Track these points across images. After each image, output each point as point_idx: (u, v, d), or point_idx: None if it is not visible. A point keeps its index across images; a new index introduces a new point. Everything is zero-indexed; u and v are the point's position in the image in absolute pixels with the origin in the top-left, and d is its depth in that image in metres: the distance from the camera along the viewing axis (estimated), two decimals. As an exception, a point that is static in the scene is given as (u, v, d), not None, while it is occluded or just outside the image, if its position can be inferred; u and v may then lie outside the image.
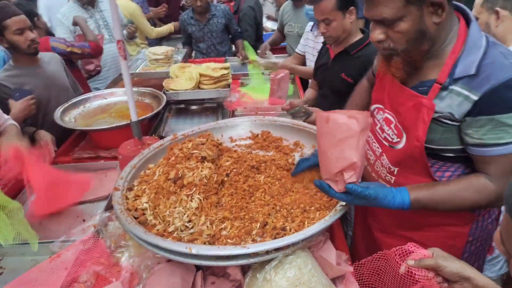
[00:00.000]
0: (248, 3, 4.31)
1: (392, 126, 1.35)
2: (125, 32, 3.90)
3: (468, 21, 1.20)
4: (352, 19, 2.06)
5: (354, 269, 1.16)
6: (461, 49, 1.16)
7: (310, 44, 3.02)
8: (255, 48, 3.64)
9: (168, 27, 4.60)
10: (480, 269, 1.55)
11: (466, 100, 1.13)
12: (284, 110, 2.11)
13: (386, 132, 1.39)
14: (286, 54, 3.87)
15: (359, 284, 1.17)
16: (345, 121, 1.07)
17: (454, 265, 0.95)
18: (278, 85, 2.62)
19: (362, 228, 1.76)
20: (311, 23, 3.07)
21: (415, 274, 0.97)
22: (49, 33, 3.16)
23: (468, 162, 1.27)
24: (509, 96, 1.08)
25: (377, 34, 1.18)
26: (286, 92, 2.69)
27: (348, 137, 1.07)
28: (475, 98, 1.11)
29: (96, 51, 3.04)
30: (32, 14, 2.82)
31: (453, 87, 1.16)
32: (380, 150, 1.43)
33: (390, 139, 1.37)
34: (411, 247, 1.02)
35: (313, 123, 1.86)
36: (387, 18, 1.12)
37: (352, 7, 2.03)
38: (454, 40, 1.18)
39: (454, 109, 1.16)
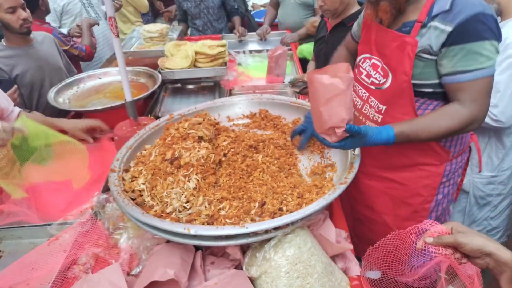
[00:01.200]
0: None
1: (378, 69, 1.49)
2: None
3: None
4: None
5: (371, 252, 1.14)
6: None
7: None
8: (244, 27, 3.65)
9: None
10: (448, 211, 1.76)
11: (442, 32, 1.28)
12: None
13: (373, 76, 1.51)
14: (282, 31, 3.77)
15: (376, 266, 1.16)
16: (330, 81, 1.14)
17: (475, 241, 0.91)
18: (276, 63, 2.57)
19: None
20: None
21: (431, 251, 0.95)
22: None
23: (445, 100, 1.40)
24: (478, 27, 1.23)
25: None
26: (284, 69, 2.64)
27: (335, 96, 1.14)
28: (449, 29, 1.26)
29: (89, 56, 3.03)
30: None
31: (432, 23, 1.30)
32: (367, 94, 1.56)
33: (377, 82, 1.49)
34: (427, 224, 1.00)
35: None
36: None
37: None
38: None
39: (433, 42, 1.30)
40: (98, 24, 3.24)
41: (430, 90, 1.39)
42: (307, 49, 3.05)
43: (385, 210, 1.71)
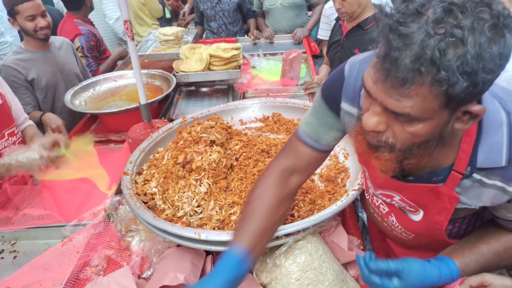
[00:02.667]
0: None
1: (402, 202, 1.07)
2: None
3: None
4: None
5: None
6: (476, 129, 0.87)
7: None
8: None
9: None
10: None
11: (502, 192, 0.89)
12: None
13: (395, 200, 1.09)
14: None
15: None
16: None
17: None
18: (290, 66, 2.56)
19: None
20: (332, 5, 3.02)
21: None
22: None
23: (478, 214, 1.13)
24: None
25: (377, 123, 0.80)
26: (298, 73, 2.62)
27: None
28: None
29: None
30: None
31: (479, 176, 0.90)
32: (387, 210, 1.15)
33: (404, 205, 1.08)
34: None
35: None
36: (409, 116, 0.74)
37: None
38: None
39: (487, 202, 0.93)
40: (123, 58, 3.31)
41: (467, 214, 1.10)
42: None
43: None
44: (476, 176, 0.89)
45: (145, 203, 1.23)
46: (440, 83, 0.67)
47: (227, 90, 2.63)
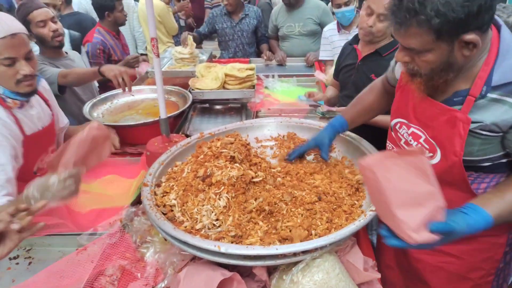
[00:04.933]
0: None
1: (421, 140, 1.29)
2: None
3: (497, 26, 1.14)
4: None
5: None
6: (495, 57, 1.10)
7: (340, 44, 2.99)
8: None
9: None
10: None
11: (510, 107, 1.08)
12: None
13: (420, 141, 1.30)
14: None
15: None
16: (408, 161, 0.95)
17: None
18: None
19: None
20: (333, 28, 3.14)
21: None
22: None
23: (502, 169, 1.23)
24: None
25: (402, 56, 1.16)
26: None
27: (417, 178, 0.95)
28: None
29: None
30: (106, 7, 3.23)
31: (492, 95, 1.10)
32: None
33: (424, 150, 1.28)
34: None
35: None
36: (414, 48, 1.09)
37: None
38: (487, 52, 1.12)
39: (499, 119, 1.09)
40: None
41: (488, 164, 1.20)
42: None
43: (442, 286, 1.46)
44: (490, 95, 1.10)
45: (164, 214, 1.25)
46: (423, 23, 1.02)
47: (241, 109, 2.68)
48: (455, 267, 1.41)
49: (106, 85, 3.05)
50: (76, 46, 3.11)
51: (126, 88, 2.14)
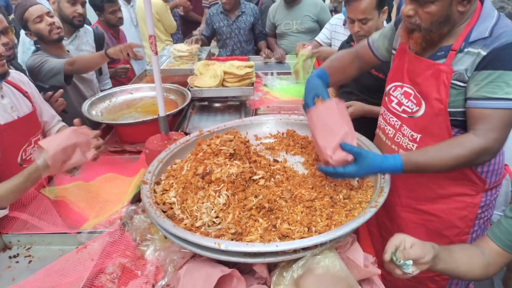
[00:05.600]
0: None
1: (411, 97, 1.47)
2: None
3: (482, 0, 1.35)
4: (383, 19, 2.07)
5: None
6: (476, 21, 1.31)
7: (339, 38, 3.04)
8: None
9: None
10: None
11: (477, 56, 1.27)
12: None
13: (405, 104, 1.50)
14: None
15: None
16: (323, 105, 1.33)
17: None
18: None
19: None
20: (340, 17, 3.12)
21: None
22: None
23: None
24: None
25: (408, 9, 1.32)
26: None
27: (331, 115, 1.30)
28: (484, 53, 1.25)
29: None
30: None
31: (468, 49, 1.30)
32: (400, 123, 1.54)
33: (410, 110, 1.49)
34: None
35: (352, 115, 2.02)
36: None
37: (386, 7, 2.05)
38: (470, 17, 1.33)
39: (468, 67, 1.29)
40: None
41: (463, 118, 1.36)
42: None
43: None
44: (466, 49, 1.30)
45: (164, 212, 1.25)
46: None
47: (239, 107, 2.67)
48: (434, 224, 1.60)
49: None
50: (100, 44, 3.11)
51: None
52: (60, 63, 2.32)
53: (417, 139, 1.48)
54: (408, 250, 1.06)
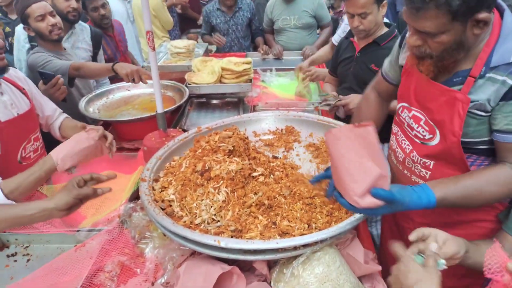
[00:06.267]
0: None
1: (421, 123, 1.34)
2: None
3: (501, 11, 1.19)
4: (383, 13, 2.07)
5: None
6: (496, 39, 1.16)
7: None
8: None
9: None
10: None
11: (502, 85, 1.13)
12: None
13: (415, 129, 1.37)
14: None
15: None
16: (355, 132, 1.05)
17: None
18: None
19: (390, 228, 1.74)
20: None
21: None
22: None
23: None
24: None
25: (415, 40, 1.19)
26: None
27: (364, 148, 1.04)
28: (511, 82, 1.12)
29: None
30: None
31: (490, 75, 1.16)
32: (411, 148, 1.41)
33: (421, 136, 1.35)
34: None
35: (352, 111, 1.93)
36: (430, 32, 1.13)
37: (385, 1, 2.04)
38: (489, 34, 1.17)
39: (491, 95, 1.15)
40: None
41: (485, 147, 1.25)
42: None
43: None
44: (488, 75, 1.15)
45: (162, 209, 1.24)
46: (442, 5, 1.05)
47: (238, 103, 2.66)
48: None
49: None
50: (97, 42, 3.07)
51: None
52: (65, 65, 2.29)
53: (430, 166, 1.36)
54: (444, 249, 1.00)
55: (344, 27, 3.07)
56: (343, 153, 1.06)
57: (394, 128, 1.54)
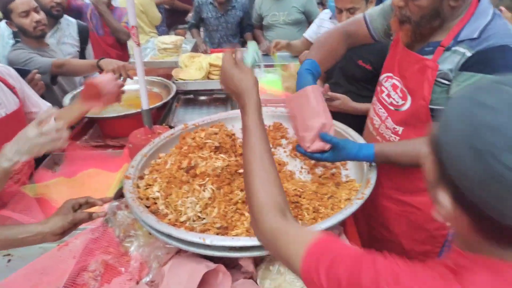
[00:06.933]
0: None
1: (398, 90, 1.46)
2: None
3: None
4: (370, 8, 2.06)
5: None
6: (470, 17, 1.25)
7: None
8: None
9: None
10: None
11: (462, 57, 1.23)
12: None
13: (392, 97, 1.49)
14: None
15: None
16: (300, 93, 1.31)
17: None
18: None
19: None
20: (327, 12, 3.04)
21: None
22: None
23: None
24: (498, 60, 1.16)
25: (399, 0, 1.28)
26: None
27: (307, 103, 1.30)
28: (469, 54, 1.21)
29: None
30: None
31: (456, 47, 1.25)
32: (386, 114, 1.53)
33: (396, 103, 1.47)
34: None
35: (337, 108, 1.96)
36: None
37: None
38: (464, 13, 1.27)
39: (454, 66, 1.25)
40: None
41: None
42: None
43: (402, 233, 1.66)
44: (454, 47, 1.25)
45: (147, 207, 1.22)
46: None
47: (226, 99, 2.65)
48: (415, 216, 1.59)
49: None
50: (85, 38, 3.01)
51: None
52: (47, 63, 2.23)
53: (399, 132, 1.47)
54: None
55: (319, 21, 3.07)
56: (295, 114, 1.35)
57: (374, 99, 1.66)
